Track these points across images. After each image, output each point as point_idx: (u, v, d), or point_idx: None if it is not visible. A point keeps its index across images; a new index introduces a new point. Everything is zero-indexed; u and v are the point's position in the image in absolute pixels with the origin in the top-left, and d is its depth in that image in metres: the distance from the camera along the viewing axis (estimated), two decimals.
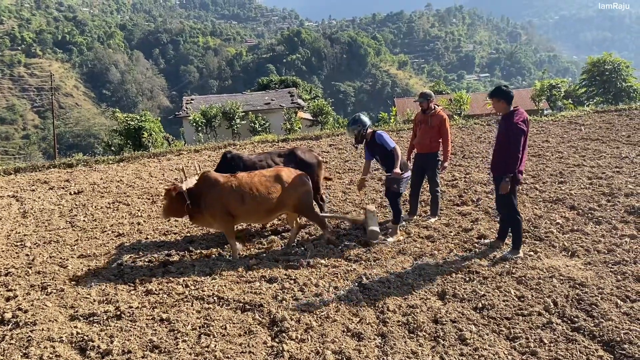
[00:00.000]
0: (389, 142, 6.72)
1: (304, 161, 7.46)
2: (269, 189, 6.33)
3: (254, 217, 6.58)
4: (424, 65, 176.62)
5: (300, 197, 6.47)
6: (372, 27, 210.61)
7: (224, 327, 4.69)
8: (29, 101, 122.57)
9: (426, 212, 7.76)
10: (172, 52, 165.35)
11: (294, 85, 43.21)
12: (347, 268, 5.87)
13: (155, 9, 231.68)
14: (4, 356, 4.48)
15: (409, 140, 13.88)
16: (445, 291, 5.14)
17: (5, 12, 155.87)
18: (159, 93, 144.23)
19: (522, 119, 5.66)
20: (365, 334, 4.47)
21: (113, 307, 5.19)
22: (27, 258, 7.04)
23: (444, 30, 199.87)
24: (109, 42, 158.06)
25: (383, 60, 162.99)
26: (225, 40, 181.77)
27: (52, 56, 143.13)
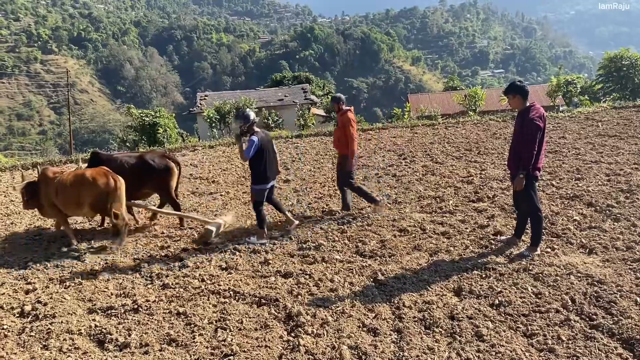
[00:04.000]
0: (246, 151, 6.67)
1: (150, 165, 7.70)
2: (73, 187, 6.94)
3: (69, 210, 7.19)
4: (438, 61, 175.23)
5: (96, 196, 6.90)
6: (385, 22, 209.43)
7: (240, 321, 4.72)
8: (45, 97, 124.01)
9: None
10: (185, 48, 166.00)
11: (307, 81, 43.18)
12: (362, 264, 5.87)
13: (169, 5, 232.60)
14: (25, 348, 4.56)
15: (423, 136, 13.87)
16: (462, 287, 5.12)
17: (22, 9, 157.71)
18: (173, 89, 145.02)
19: (538, 114, 5.60)
20: (381, 329, 4.47)
21: (130, 301, 5.25)
22: (45, 252, 7.13)
23: (458, 26, 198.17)
24: (123, 39, 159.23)
25: (396, 56, 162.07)
26: (238, 37, 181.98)
27: (67, 53, 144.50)
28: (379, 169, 10.60)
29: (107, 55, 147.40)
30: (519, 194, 5.85)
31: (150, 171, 7.69)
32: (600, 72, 27.48)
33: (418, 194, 8.55)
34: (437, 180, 9.38)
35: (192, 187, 10.44)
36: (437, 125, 15.47)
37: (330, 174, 10.55)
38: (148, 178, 7.73)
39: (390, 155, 11.94)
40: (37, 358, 4.35)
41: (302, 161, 12.10)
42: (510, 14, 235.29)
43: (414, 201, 8.21)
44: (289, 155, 12.94)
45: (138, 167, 7.70)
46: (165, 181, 7.79)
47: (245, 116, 6.86)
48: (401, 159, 11.39)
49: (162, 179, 7.77)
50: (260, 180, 6.84)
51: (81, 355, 4.36)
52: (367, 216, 7.56)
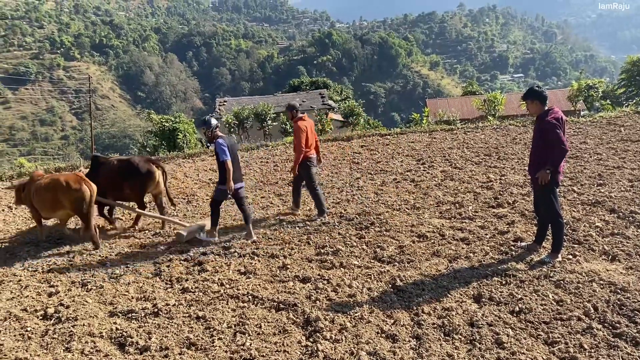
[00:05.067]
0: (220, 154, 6.94)
1: (136, 169, 8.08)
2: (50, 190, 7.42)
3: (45, 211, 7.70)
4: (456, 65, 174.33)
5: (73, 199, 7.32)
6: (403, 27, 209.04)
7: (258, 326, 4.74)
8: (68, 103, 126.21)
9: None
10: (205, 54, 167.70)
11: (324, 86, 43.25)
12: (381, 269, 5.86)
13: (189, 12, 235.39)
14: (48, 350, 4.64)
15: (442, 141, 13.78)
16: (481, 294, 5.08)
17: (46, 17, 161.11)
18: (193, 95, 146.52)
19: (555, 116, 5.55)
20: (400, 335, 4.46)
21: (150, 305, 5.30)
22: (67, 255, 7.25)
23: (477, 30, 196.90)
24: (144, 45, 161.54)
25: (414, 60, 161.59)
26: (257, 43, 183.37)
27: (89, 59, 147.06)
28: (397, 174, 10.57)
29: (127, 61, 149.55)
30: (540, 200, 5.79)
31: (134, 174, 8.08)
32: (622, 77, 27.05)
33: (437, 200, 8.50)
34: (456, 185, 9.31)
35: (211, 191, 10.50)
36: (456, 130, 15.38)
37: (348, 179, 10.55)
38: (130, 180, 8.12)
39: (408, 160, 11.89)
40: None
41: (319, 166, 12.10)
42: (530, 17, 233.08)
43: (433, 207, 8.17)
44: None
45: (123, 170, 8.14)
46: (143, 184, 8.17)
47: (206, 122, 7.20)
48: (419, 164, 11.34)
49: (141, 182, 8.14)
50: (225, 181, 7.03)
51: (102, 358, 4.42)
52: (386, 222, 7.54)
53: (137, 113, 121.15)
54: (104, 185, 8.11)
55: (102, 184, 8.07)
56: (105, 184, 8.11)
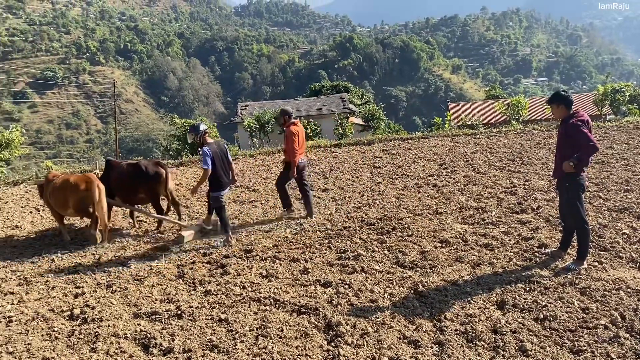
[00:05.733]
0: (203, 162, 7.17)
1: (146, 171, 8.35)
2: (60, 190, 7.92)
3: (60, 210, 8.19)
4: (479, 69, 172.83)
5: (78, 199, 7.73)
6: (425, 31, 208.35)
7: (280, 329, 4.76)
8: (93, 107, 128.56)
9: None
10: (227, 59, 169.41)
11: (345, 90, 43.25)
12: (403, 275, 5.82)
13: (211, 17, 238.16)
14: (74, 350, 4.72)
15: (465, 146, 13.68)
16: (505, 301, 5.02)
17: (72, 23, 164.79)
18: (215, 99, 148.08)
19: (580, 119, 5.47)
20: (422, 341, 4.43)
21: (174, 307, 5.37)
22: (92, 257, 7.38)
23: (500, 34, 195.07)
24: (167, 50, 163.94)
25: (436, 64, 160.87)
26: (278, 47, 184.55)
27: (114, 64, 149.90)
28: (418, 179, 10.51)
29: (151, 66, 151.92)
30: (565, 206, 5.71)
31: (144, 177, 8.35)
32: None
33: (459, 205, 8.43)
34: (479, 190, 9.22)
35: (233, 195, 10.60)
36: (479, 135, 15.24)
37: (369, 183, 10.53)
38: (142, 183, 8.38)
39: (430, 164, 11.82)
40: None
41: (340, 170, 12.11)
42: (554, 20, 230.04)
43: (456, 212, 8.10)
44: (328, 164, 12.97)
45: (133, 173, 8.41)
46: (153, 187, 8.42)
47: (194, 128, 7.39)
48: (442, 169, 11.26)
49: (151, 185, 8.40)
50: (217, 188, 7.31)
51: (127, 359, 4.49)
52: (407, 227, 7.50)
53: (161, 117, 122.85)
54: (116, 188, 8.46)
55: (114, 186, 8.45)
56: (117, 187, 8.45)
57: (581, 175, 5.57)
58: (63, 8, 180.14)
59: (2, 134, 18.65)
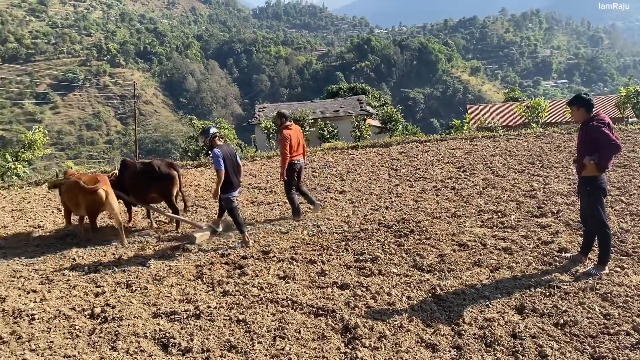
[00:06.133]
0: (215, 164, 7.24)
1: (158, 171, 8.56)
2: (74, 190, 8.17)
3: (73, 209, 8.56)
4: (498, 71, 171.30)
5: (90, 200, 7.99)
6: (443, 33, 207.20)
7: (298, 331, 4.77)
8: (113, 108, 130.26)
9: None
10: (245, 61, 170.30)
11: (362, 92, 43.20)
12: (420, 278, 5.80)
13: (230, 19, 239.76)
14: (95, 348, 4.79)
15: (483, 148, 13.58)
16: (524, 305, 4.97)
17: (93, 25, 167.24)
18: (232, 101, 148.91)
19: (600, 120, 5.39)
20: (440, 345, 4.40)
21: (193, 307, 5.42)
22: (113, 256, 7.48)
23: (519, 35, 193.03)
24: (186, 52, 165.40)
25: (454, 66, 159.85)
26: (296, 49, 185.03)
27: (134, 66, 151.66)
28: (437, 182, 10.46)
29: (170, 68, 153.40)
30: (586, 210, 5.63)
31: (157, 177, 8.56)
32: None
33: (478, 208, 8.36)
34: (498, 194, 9.14)
35: (251, 196, 10.66)
36: (498, 137, 15.11)
37: (386, 185, 10.51)
38: (154, 183, 8.58)
39: (448, 167, 11.75)
40: (106, 359, 4.56)
41: (357, 172, 12.09)
42: (575, 22, 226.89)
43: (474, 215, 8.04)
44: (345, 166, 12.96)
45: (146, 173, 8.61)
46: (166, 187, 8.61)
47: (205, 131, 7.59)
48: (460, 172, 11.19)
49: (164, 185, 8.60)
50: (228, 189, 7.37)
51: (146, 358, 4.54)
52: (425, 229, 7.47)
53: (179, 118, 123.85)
54: (130, 187, 8.73)
55: (128, 186, 8.72)
56: (131, 187, 8.70)
57: (602, 179, 5.49)
58: (84, 11, 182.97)
59: (26, 134, 19.00)
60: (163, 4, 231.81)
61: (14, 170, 17.43)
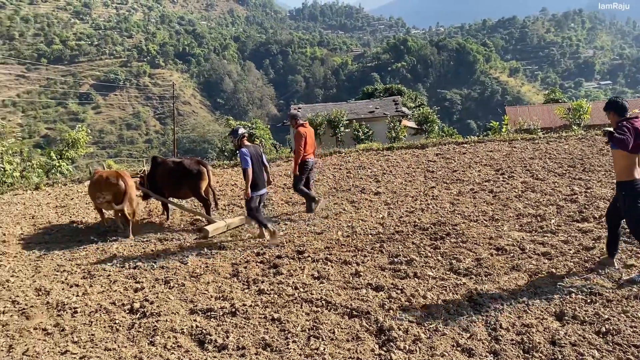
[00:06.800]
0: (242, 162, 7.55)
1: (189, 169, 9.02)
2: (100, 185, 8.75)
3: (100, 204, 9.03)
4: (538, 72, 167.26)
5: (114, 193, 8.56)
6: (481, 33, 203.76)
7: (332, 331, 4.78)
8: (152, 108, 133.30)
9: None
10: (281, 62, 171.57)
11: (398, 93, 42.89)
12: (457, 282, 5.72)
13: (267, 21, 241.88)
14: (134, 342, 4.91)
15: (522, 151, 13.29)
16: (564, 312, 4.84)
17: (134, 27, 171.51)
18: (268, 102, 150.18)
19: (629, 123, 5.30)
20: (477, 350, 4.34)
21: (228, 304, 5.49)
22: (151, 254, 7.66)
23: (561, 35, 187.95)
24: (223, 54, 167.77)
25: (493, 67, 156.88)
26: (331, 50, 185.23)
27: (173, 67, 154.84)
28: (474, 184, 10.30)
29: (208, 69, 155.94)
30: (626, 212, 5.46)
31: (186, 173, 9.03)
32: None
33: (517, 212, 8.19)
34: (538, 197, 8.93)
35: (286, 196, 10.73)
36: (538, 140, 14.76)
37: (422, 187, 10.41)
38: (184, 180, 9.07)
39: (486, 170, 11.55)
40: (144, 353, 4.67)
41: (392, 174, 12.02)
42: (619, 21, 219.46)
43: (513, 219, 7.88)
44: (380, 167, 12.90)
45: (177, 170, 9.10)
46: (196, 183, 9.03)
47: (234, 131, 7.87)
48: (498, 174, 10.98)
49: (194, 182, 9.02)
50: (251, 188, 7.56)
51: (183, 354, 4.63)
52: (462, 233, 7.36)
53: (216, 119, 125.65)
54: (161, 183, 9.27)
55: (159, 182, 9.26)
56: (162, 183, 9.23)
57: (638, 182, 5.35)
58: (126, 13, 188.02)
59: (69, 133, 19.64)
60: (202, 6, 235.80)
61: (58, 167, 18.04)
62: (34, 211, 11.38)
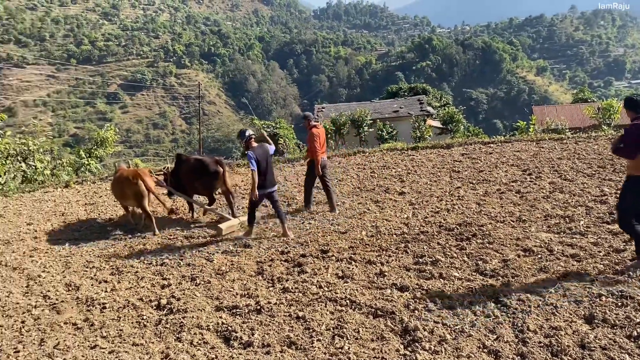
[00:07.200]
0: (250, 164, 7.70)
1: (206, 167, 9.28)
2: (121, 182, 9.10)
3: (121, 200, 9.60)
4: (566, 71, 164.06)
5: (134, 191, 8.83)
6: (508, 32, 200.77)
7: (356, 331, 4.78)
8: (178, 108, 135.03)
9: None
10: (305, 62, 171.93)
11: (423, 92, 42.57)
12: (483, 283, 5.66)
13: (291, 20, 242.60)
14: (161, 338, 5.00)
15: (550, 151, 13.07)
16: (594, 315, 4.75)
17: (161, 28, 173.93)
18: (292, 101, 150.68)
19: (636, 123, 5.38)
20: (503, 352, 4.29)
21: (254, 302, 5.54)
22: (179, 251, 7.76)
23: (590, 34, 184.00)
24: (248, 54, 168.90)
25: (519, 65, 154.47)
26: (355, 49, 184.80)
27: (198, 67, 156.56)
28: (501, 184, 10.16)
29: (233, 69, 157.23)
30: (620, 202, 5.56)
31: (204, 171, 9.29)
32: None
33: (544, 213, 8.05)
34: (566, 198, 8.76)
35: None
36: (566, 140, 14.48)
37: (448, 188, 10.32)
38: (200, 177, 9.36)
39: (513, 170, 11.39)
40: (171, 349, 4.75)
41: (417, 174, 11.94)
42: None
43: (540, 220, 7.75)
44: (404, 167, 12.82)
45: (196, 168, 9.36)
46: (210, 182, 9.36)
47: (241, 133, 8.17)
48: (526, 175, 10.81)
49: (209, 180, 9.33)
50: (259, 187, 7.73)
51: (209, 350, 4.69)
52: (489, 234, 7.27)
53: (240, 118, 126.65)
54: (184, 180, 9.55)
55: (182, 179, 9.55)
56: (184, 179, 9.52)
57: None
58: (153, 14, 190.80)
59: (98, 132, 20.03)
60: (227, 7, 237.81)
61: (87, 166, 18.42)
62: (64, 208, 11.64)
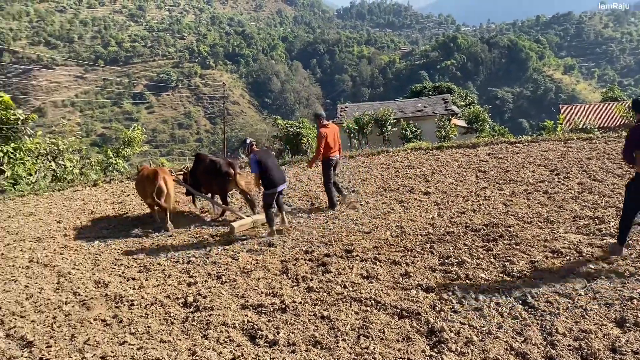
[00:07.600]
0: (252, 168, 8.10)
1: (219, 168, 9.51)
2: (143, 181, 9.43)
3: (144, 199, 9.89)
4: (594, 69, 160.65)
5: (156, 188, 9.04)
6: (534, 30, 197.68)
7: (382, 331, 4.76)
8: (202, 108, 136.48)
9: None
10: (328, 61, 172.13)
11: (448, 91, 42.16)
12: (510, 284, 5.58)
13: (314, 20, 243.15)
14: (188, 335, 5.06)
15: (579, 151, 12.82)
16: (625, 318, 4.64)
17: (186, 29, 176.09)
18: (315, 101, 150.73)
19: None
20: (531, 355, 4.23)
21: (279, 300, 5.57)
22: (205, 249, 7.85)
23: (620, 31, 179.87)
24: (271, 54, 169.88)
25: (546, 64, 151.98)
26: (379, 49, 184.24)
27: (222, 67, 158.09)
28: (528, 185, 10.00)
29: (256, 69, 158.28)
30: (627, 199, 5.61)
31: (217, 171, 9.52)
32: None
33: (573, 214, 7.90)
34: (596, 199, 8.58)
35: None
36: (595, 139, 14.18)
37: (474, 188, 10.21)
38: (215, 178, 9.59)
39: (540, 170, 11.20)
40: (198, 346, 4.81)
41: (442, 173, 11.83)
42: None
43: (569, 221, 7.61)
44: (429, 167, 12.72)
45: (211, 168, 9.61)
46: (223, 183, 9.56)
47: (243, 142, 8.68)
48: (553, 175, 10.62)
49: (222, 181, 9.54)
50: (268, 186, 8.08)
51: (235, 348, 4.73)
52: (516, 234, 7.17)
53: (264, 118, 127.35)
54: (201, 179, 9.85)
55: (200, 178, 9.86)
56: (201, 179, 9.83)
57: None
58: (178, 15, 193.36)
59: (125, 132, 20.39)
60: (251, 7, 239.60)
61: (115, 165, 18.76)
62: (93, 207, 11.87)
